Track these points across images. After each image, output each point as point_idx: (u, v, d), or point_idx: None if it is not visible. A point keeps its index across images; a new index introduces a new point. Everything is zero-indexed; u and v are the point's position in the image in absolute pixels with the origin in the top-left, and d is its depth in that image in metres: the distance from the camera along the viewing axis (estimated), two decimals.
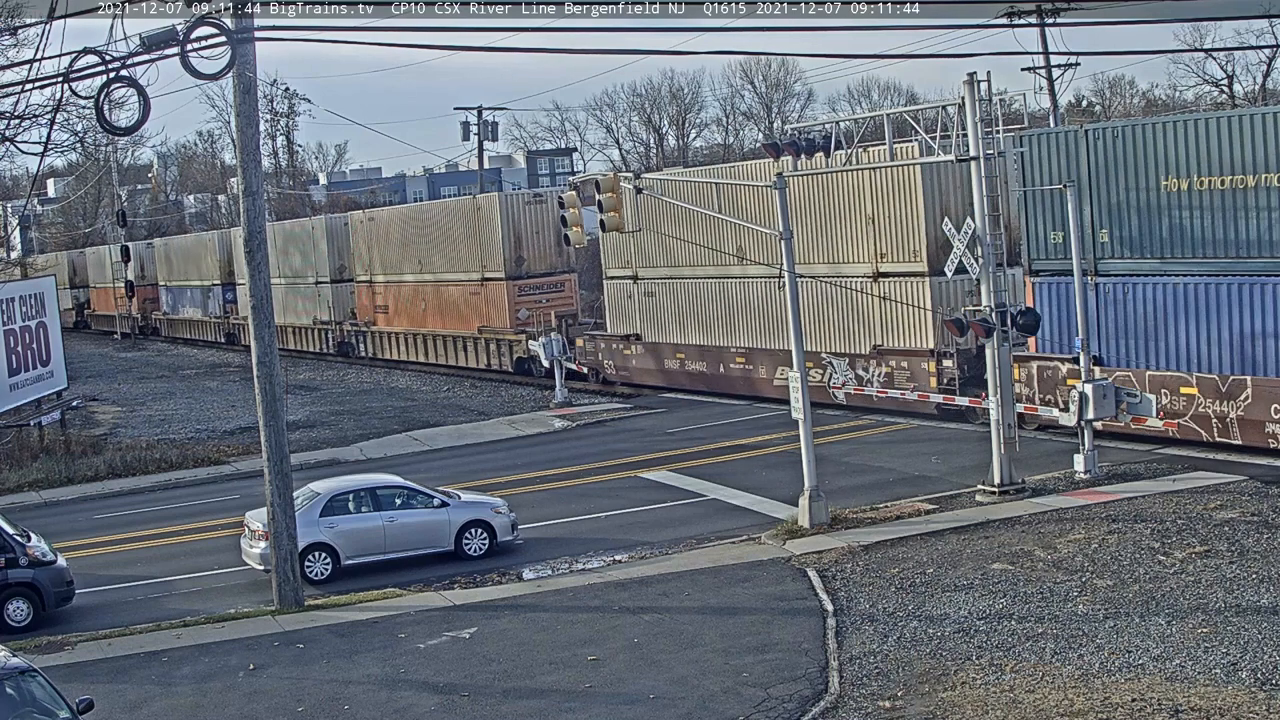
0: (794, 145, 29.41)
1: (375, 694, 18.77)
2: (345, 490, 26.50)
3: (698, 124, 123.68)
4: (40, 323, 43.30)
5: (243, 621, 22.91)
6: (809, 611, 20.77)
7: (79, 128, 42.60)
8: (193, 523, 31.71)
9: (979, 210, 27.19)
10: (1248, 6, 40.12)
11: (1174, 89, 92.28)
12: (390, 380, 57.08)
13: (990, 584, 21.18)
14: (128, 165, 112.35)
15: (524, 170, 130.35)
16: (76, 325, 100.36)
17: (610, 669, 18.95)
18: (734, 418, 39.43)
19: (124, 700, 19.24)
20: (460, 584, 24.70)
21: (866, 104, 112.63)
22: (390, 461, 36.87)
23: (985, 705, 16.35)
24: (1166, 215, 29.20)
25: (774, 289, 38.91)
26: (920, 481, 29.25)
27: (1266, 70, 78.22)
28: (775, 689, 17.56)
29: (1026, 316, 27.53)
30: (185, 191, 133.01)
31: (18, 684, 15.03)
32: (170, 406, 53.42)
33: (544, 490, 32.13)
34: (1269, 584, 19.89)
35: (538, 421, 42.81)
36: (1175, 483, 26.60)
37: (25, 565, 23.80)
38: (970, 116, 26.76)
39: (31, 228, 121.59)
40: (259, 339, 23.50)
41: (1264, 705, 15.55)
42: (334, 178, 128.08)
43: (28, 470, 39.00)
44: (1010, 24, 53.06)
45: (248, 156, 23.43)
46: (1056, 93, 57.72)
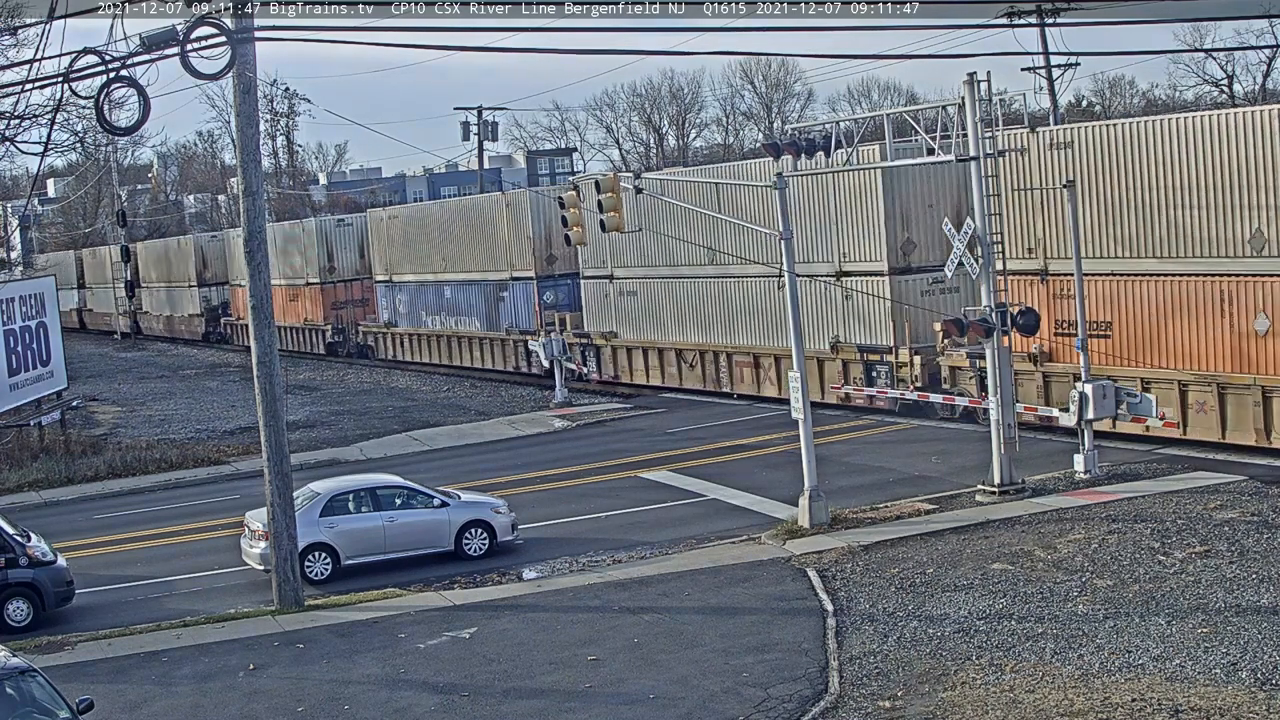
0: (794, 145, 29.40)
1: (375, 694, 18.77)
2: (345, 490, 26.50)
3: (698, 124, 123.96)
4: (40, 323, 43.30)
5: (243, 621, 22.91)
6: (809, 611, 20.78)
7: (79, 128, 42.67)
8: (193, 523, 31.71)
9: (979, 210, 27.20)
10: (1248, 6, 40.18)
11: (1174, 89, 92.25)
12: (390, 380, 57.07)
13: (990, 584, 21.18)
14: (128, 165, 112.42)
15: (524, 170, 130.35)
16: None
17: (610, 669, 18.95)
18: (734, 418, 39.43)
19: (124, 700, 19.25)
20: (460, 584, 24.71)
21: (866, 104, 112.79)
22: (390, 461, 36.87)
23: (985, 705, 16.35)
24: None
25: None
26: (920, 481, 29.25)
27: (1266, 70, 78.34)
28: (775, 689, 17.56)
29: (1026, 317, 27.52)
30: (185, 191, 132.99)
31: (18, 684, 15.04)
32: (170, 406, 53.43)
33: (544, 490, 32.14)
34: (1269, 584, 19.89)
35: (538, 421, 42.81)
36: (1175, 483, 26.61)
37: (25, 565, 23.80)
38: (970, 116, 26.76)
39: (31, 228, 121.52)
40: (259, 339, 23.49)
41: (1264, 705, 15.55)
42: (334, 178, 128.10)
43: (28, 470, 39.00)
44: (1010, 24, 53.14)
45: (248, 156, 23.43)
46: (1056, 93, 57.83)
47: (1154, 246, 29.79)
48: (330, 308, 67.46)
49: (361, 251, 66.71)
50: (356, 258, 67.13)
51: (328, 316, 67.38)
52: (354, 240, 67.26)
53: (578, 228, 32.87)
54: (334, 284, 67.47)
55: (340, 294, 67.51)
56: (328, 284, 67.44)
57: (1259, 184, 27.51)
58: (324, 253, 67.15)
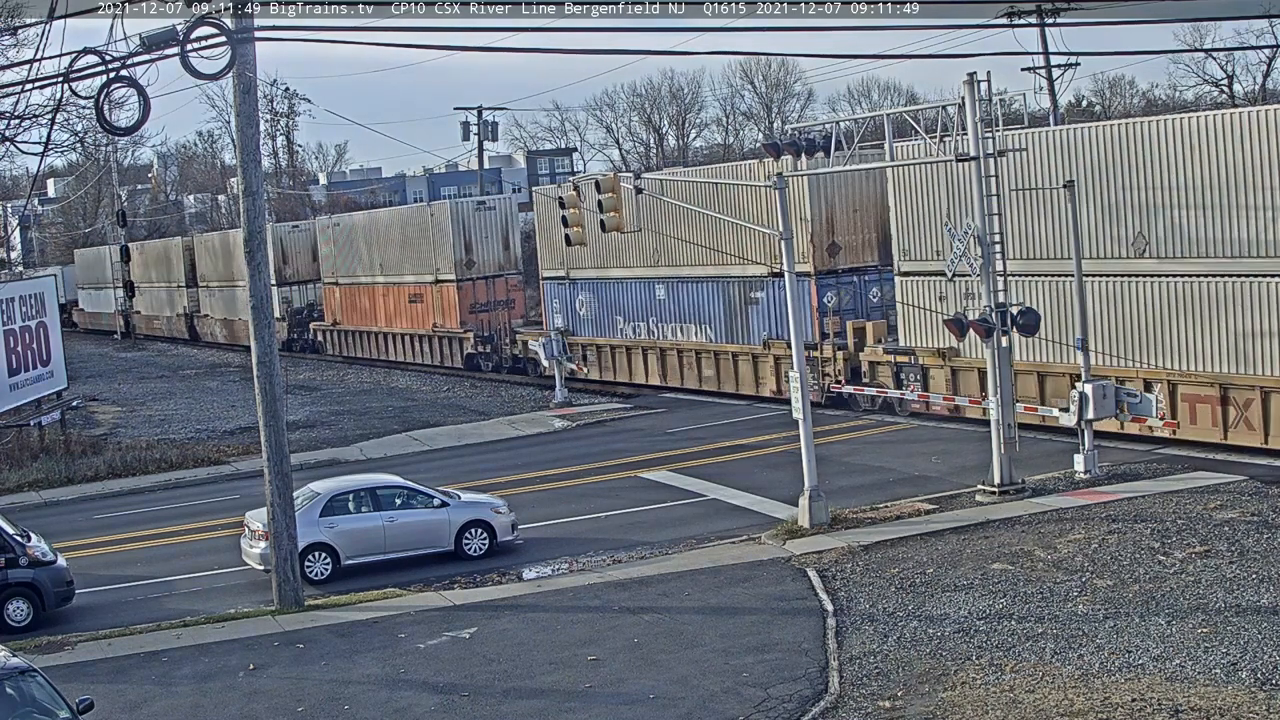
0: (794, 145, 29.40)
1: (375, 694, 18.77)
2: (345, 490, 26.50)
3: (698, 124, 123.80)
4: (40, 323, 43.30)
5: (243, 621, 22.91)
6: (809, 611, 20.78)
7: (79, 128, 42.70)
8: (193, 523, 31.71)
9: (979, 210, 27.19)
10: (1248, 6, 40.23)
11: (1174, 89, 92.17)
12: (390, 380, 57.06)
13: (990, 584, 21.18)
14: (128, 165, 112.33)
15: (524, 170, 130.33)
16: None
17: (610, 669, 18.96)
18: (734, 418, 39.44)
19: (124, 700, 19.25)
20: (460, 584, 24.71)
21: (866, 104, 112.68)
22: (390, 461, 36.87)
23: (985, 705, 16.35)
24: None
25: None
26: (920, 481, 29.25)
27: (1266, 70, 78.32)
28: (775, 689, 17.56)
29: (1026, 316, 27.52)
30: (185, 191, 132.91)
31: (18, 684, 15.04)
32: (170, 406, 53.42)
33: (544, 490, 32.14)
34: (1269, 584, 19.89)
35: (538, 421, 42.82)
36: (1175, 483, 26.61)
37: (25, 565, 23.81)
38: (970, 116, 26.77)
39: (31, 228, 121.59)
40: (259, 339, 23.50)
41: (1264, 705, 15.55)
42: (334, 178, 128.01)
43: (28, 470, 39.00)
44: (1010, 24, 53.15)
45: (248, 156, 23.43)
46: (1056, 93, 57.83)
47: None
48: (468, 311, 55.34)
49: (505, 241, 55.99)
50: (500, 249, 55.86)
51: (465, 321, 55.39)
52: (497, 228, 56.03)
53: (578, 228, 32.81)
54: (472, 281, 55.36)
55: (480, 293, 55.50)
56: (465, 281, 55.36)
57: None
58: (460, 243, 55.18)
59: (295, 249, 69.41)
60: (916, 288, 36.12)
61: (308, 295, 69.72)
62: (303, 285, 69.68)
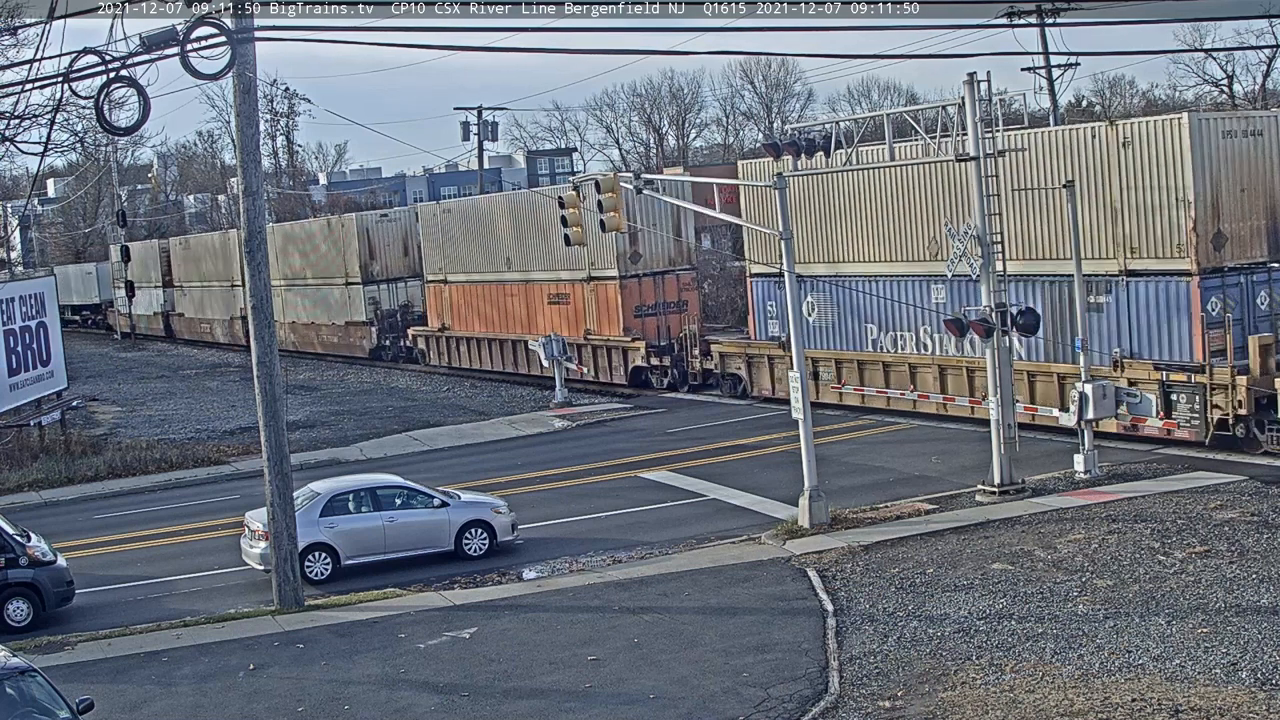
0: (794, 145, 29.39)
1: (375, 694, 18.77)
2: (345, 490, 26.50)
3: (698, 124, 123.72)
4: (40, 323, 43.30)
5: (243, 621, 22.91)
6: (809, 611, 20.78)
7: (79, 128, 42.61)
8: (193, 523, 31.71)
9: (979, 210, 27.19)
10: (1248, 6, 40.24)
11: (1174, 89, 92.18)
12: (390, 380, 57.06)
13: (990, 584, 21.18)
14: (128, 165, 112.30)
15: (524, 170, 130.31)
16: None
17: (610, 669, 18.95)
18: (734, 418, 39.44)
19: (124, 700, 19.25)
20: (460, 584, 24.70)
21: (866, 104, 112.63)
22: (390, 461, 36.87)
23: (985, 705, 16.35)
24: None
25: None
26: (920, 481, 29.25)
27: (1266, 70, 78.26)
28: (775, 689, 17.56)
29: (1026, 316, 27.52)
30: (185, 191, 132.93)
31: (18, 684, 15.04)
32: (170, 406, 53.40)
33: (544, 490, 32.14)
34: (1269, 584, 19.90)
35: (538, 421, 42.81)
36: (1175, 483, 26.60)
37: (25, 565, 23.80)
38: (970, 116, 26.77)
39: (31, 228, 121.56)
40: (259, 339, 23.49)
41: (1264, 705, 15.55)
42: (334, 178, 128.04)
43: (28, 470, 38.99)
44: (1010, 24, 53.17)
45: (248, 156, 23.43)
46: (1056, 93, 57.83)
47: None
48: (633, 315, 45.86)
49: (677, 229, 46.21)
50: (670, 239, 46.18)
51: (630, 328, 45.91)
52: (667, 216, 45.28)
53: (577, 228, 32.80)
54: (637, 279, 45.85)
55: (648, 294, 45.96)
56: (629, 279, 45.81)
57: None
58: (623, 235, 41.66)
59: (384, 242, 61.25)
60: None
61: (399, 295, 61.32)
62: (393, 284, 61.19)
